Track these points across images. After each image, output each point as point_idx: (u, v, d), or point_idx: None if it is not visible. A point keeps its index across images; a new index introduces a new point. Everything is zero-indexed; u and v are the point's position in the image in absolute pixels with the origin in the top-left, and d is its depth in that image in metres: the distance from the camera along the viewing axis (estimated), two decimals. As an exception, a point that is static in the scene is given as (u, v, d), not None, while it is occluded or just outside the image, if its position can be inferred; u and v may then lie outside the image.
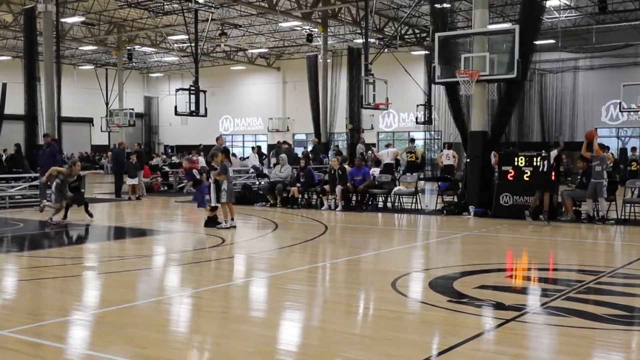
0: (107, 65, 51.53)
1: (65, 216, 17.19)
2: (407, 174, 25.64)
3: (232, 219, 16.06)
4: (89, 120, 53.44)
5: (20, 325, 7.46)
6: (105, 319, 7.99)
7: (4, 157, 31.14)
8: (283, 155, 23.53)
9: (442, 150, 31.13)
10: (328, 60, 38.02)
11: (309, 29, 39.40)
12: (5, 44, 45.51)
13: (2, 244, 15.07)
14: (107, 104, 48.01)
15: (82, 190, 18.45)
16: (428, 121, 38.88)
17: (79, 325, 7.77)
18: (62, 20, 33.41)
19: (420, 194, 21.80)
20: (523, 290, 9.79)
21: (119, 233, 16.71)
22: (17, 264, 12.24)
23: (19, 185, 22.71)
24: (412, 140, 33.92)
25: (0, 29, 39.78)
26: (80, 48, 47.52)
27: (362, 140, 33.70)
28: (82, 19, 38.22)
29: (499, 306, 8.33)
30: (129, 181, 25.11)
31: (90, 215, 17.73)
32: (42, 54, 25.89)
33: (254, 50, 50.15)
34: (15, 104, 29.99)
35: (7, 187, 22.77)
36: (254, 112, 54.50)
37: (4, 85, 40.30)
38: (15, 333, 7.15)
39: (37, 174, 23.19)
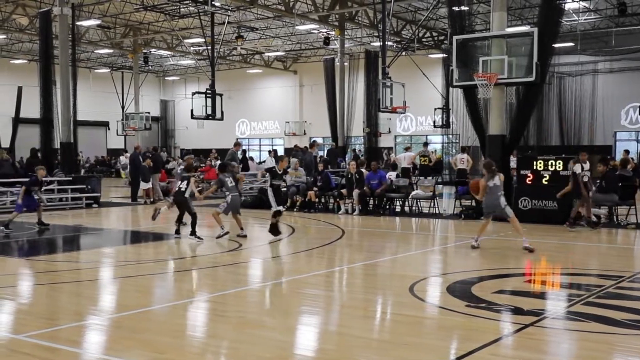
0: (123, 68, 51.67)
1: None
2: (424, 177, 25.55)
3: (222, 227, 15.19)
4: (105, 124, 53.62)
5: (36, 330, 7.46)
6: (121, 323, 7.98)
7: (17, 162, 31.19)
8: (294, 159, 23.50)
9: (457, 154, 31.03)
10: (345, 64, 37.91)
11: (326, 32, 39.32)
12: (21, 47, 45.77)
13: (18, 248, 15.12)
14: (123, 107, 48.11)
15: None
16: (446, 125, 38.79)
17: (95, 330, 7.76)
18: (78, 23, 33.50)
19: (438, 198, 21.68)
20: (542, 295, 9.70)
21: (135, 237, 16.70)
22: (33, 268, 12.27)
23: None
24: (426, 144, 33.78)
25: (16, 32, 39.98)
26: (96, 51, 47.67)
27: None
28: (98, 22, 38.33)
29: (517, 311, 8.28)
30: (143, 185, 25.14)
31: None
32: (58, 57, 25.93)
33: (270, 54, 50.18)
34: (31, 108, 30.17)
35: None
36: (270, 115, 54.49)
37: (20, 88, 40.66)
38: (31, 337, 7.15)
39: (53, 178, 23.32)
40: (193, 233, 14.96)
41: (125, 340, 7.18)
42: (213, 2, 27.67)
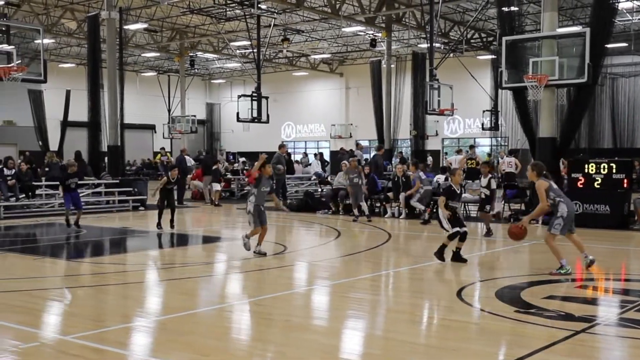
0: (170, 71, 52.12)
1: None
2: (471, 180, 25.24)
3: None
4: (152, 127, 54.19)
5: (83, 332, 7.49)
6: (167, 325, 7.98)
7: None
8: (345, 162, 23.40)
9: (501, 158, 30.63)
10: (392, 66, 37.77)
11: (372, 34, 39.21)
12: (69, 52, 46.47)
13: (65, 250, 15.28)
14: (169, 110, 48.45)
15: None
16: (494, 127, 38.38)
17: (141, 332, 7.78)
18: (125, 27, 33.94)
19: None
20: (593, 301, 9.49)
21: (181, 240, 16.76)
22: (79, 271, 12.38)
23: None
24: (472, 147, 33.41)
25: (65, 36, 40.63)
26: (143, 55, 48.22)
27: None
28: (145, 25, 38.80)
29: (568, 317, 8.11)
30: (215, 187, 25.34)
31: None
32: (106, 61, 26.27)
33: (316, 56, 50.24)
34: (79, 111, 30.63)
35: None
36: (316, 118, 54.54)
37: (68, 92, 41.32)
38: (79, 339, 7.19)
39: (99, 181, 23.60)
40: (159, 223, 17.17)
41: (170, 343, 7.18)
42: (259, 5, 27.78)
